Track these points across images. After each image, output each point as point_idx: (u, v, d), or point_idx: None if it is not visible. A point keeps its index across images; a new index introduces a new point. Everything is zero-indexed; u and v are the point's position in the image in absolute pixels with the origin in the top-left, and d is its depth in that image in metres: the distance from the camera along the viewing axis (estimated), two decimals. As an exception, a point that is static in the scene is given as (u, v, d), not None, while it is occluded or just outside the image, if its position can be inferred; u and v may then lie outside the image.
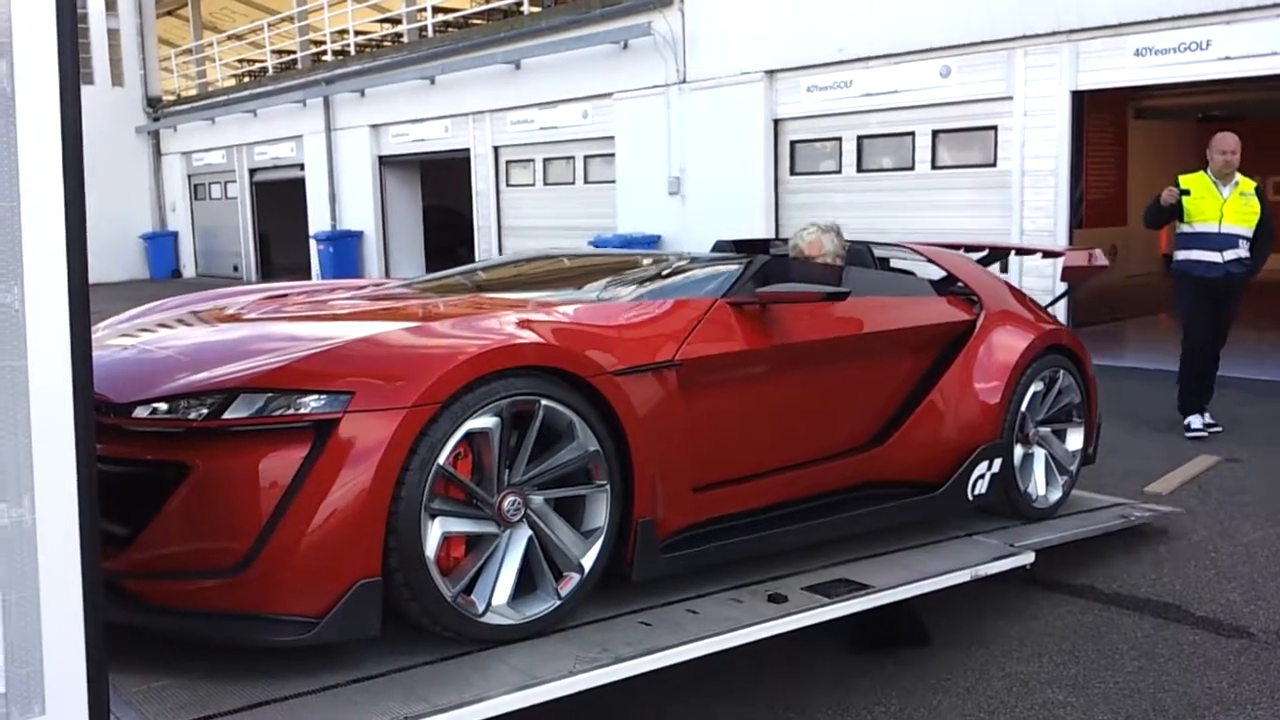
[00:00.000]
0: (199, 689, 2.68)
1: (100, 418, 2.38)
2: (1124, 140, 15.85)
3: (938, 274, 4.94)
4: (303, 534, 2.69)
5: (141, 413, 2.86)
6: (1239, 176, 7.12)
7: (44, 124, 1.98)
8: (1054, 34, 10.54)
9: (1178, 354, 7.36)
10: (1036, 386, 4.66)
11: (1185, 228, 7.20)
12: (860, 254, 4.74)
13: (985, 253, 5.77)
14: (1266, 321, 11.76)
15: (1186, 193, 7.09)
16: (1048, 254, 6.20)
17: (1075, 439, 4.94)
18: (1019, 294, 5.14)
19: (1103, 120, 14.21)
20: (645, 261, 4.54)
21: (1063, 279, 5.65)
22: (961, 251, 5.45)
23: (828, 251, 4.72)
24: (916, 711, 3.44)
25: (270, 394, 2.78)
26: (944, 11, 11.31)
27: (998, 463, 4.47)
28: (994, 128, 11.34)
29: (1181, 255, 7.26)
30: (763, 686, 3.62)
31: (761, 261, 4.10)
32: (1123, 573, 4.66)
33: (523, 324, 3.24)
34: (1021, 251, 6.47)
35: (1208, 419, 7.29)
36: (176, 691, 2.66)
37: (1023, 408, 4.59)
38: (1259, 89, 10.93)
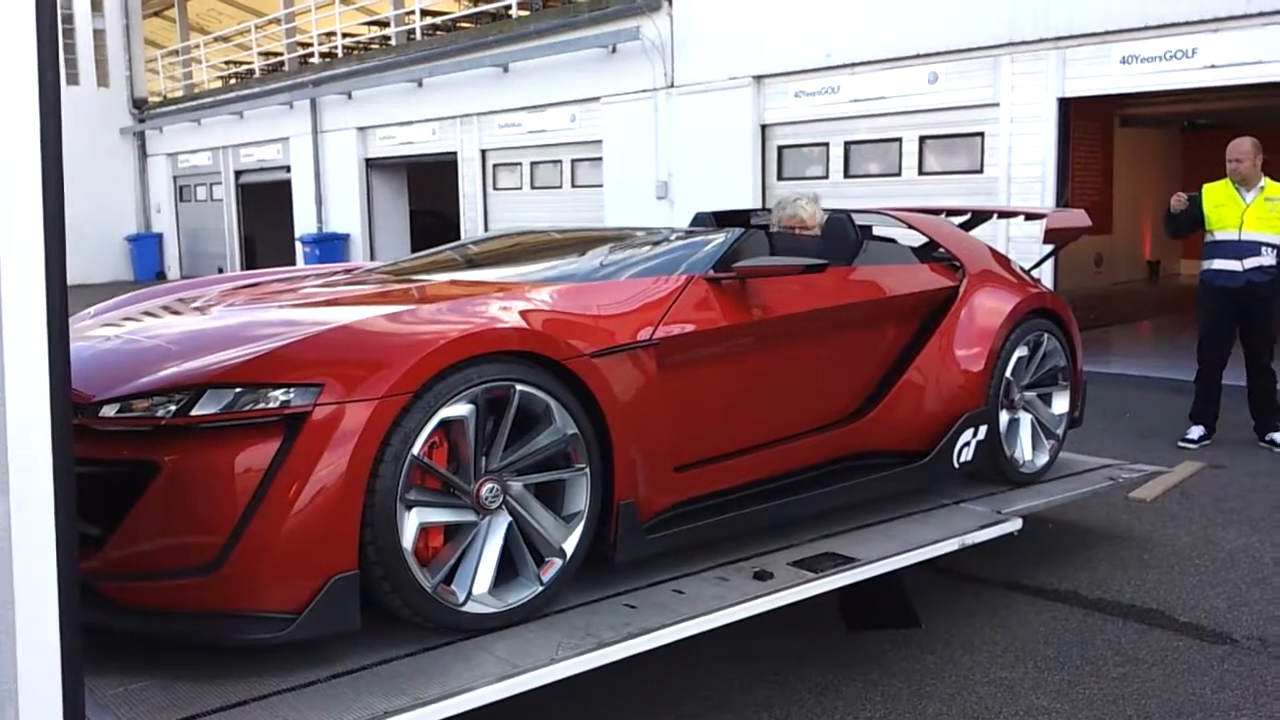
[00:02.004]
0: (177, 690, 2.64)
1: None
2: (1110, 148, 15.96)
3: (919, 240, 4.88)
4: (276, 530, 2.65)
5: (109, 411, 2.80)
6: (1265, 181, 6.89)
7: (22, 122, 1.96)
8: (1041, 41, 10.58)
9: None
10: (1021, 351, 4.64)
11: (1208, 236, 7.05)
12: (840, 223, 4.62)
13: (968, 216, 5.74)
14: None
15: (1195, 197, 6.97)
16: (1030, 216, 6.10)
17: (1061, 402, 4.93)
18: (1002, 258, 5.10)
19: (1089, 127, 14.28)
20: (622, 237, 4.45)
21: (1046, 240, 5.64)
22: (943, 216, 5.42)
23: (806, 221, 4.68)
24: (902, 717, 3.43)
25: (239, 389, 2.73)
26: (932, 18, 11.34)
27: (983, 429, 4.46)
28: (981, 134, 11.37)
29: (1204, 266, 7.10)
30: (744, 690, 3.61)
31: (739, 235, 4.03)
32: (1107, 579, 4.66)
33: (495, 308, 3.19)
34: (1005, 214, 6.41)
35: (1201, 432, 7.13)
36: (154, 693, 2.62)
37: (1007, 373, 4.57)
38: (1244, 96, 10.98)
